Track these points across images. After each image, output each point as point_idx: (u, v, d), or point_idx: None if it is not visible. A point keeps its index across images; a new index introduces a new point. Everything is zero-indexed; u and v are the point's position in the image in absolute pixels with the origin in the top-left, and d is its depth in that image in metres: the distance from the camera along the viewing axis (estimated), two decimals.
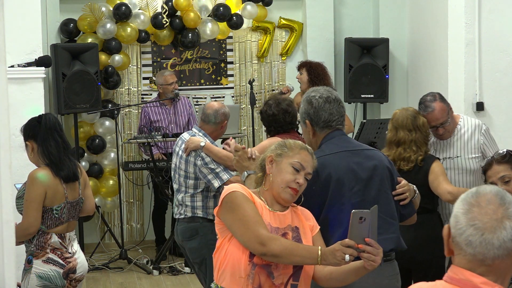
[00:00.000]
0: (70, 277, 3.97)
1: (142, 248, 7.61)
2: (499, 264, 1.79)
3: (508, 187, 3.30)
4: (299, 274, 2.85)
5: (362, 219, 2.60)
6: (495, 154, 3.47)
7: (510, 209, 1.80)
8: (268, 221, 2.86)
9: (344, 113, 3.38)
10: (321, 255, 2.68)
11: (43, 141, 3.92)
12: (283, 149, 2.96)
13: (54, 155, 3.91)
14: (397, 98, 7.77)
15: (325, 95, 3.34)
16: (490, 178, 3.35)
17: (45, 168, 3.91)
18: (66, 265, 3.93)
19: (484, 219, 1.78)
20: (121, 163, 7.34)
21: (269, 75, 8.13)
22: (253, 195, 2.90)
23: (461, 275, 1.81)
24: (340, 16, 8.04)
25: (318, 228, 2.99)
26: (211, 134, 4.93)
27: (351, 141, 3.42)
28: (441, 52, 6.57)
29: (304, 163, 2.92)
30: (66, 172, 3.94)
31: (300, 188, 2.92)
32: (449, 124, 4.34)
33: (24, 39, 5.40)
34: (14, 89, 5.21)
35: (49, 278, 3.87)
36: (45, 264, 3.87)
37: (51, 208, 3.89)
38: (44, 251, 3.89)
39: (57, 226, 3.95)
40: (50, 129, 3.95)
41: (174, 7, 7.54)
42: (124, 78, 7.80)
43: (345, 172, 3.21)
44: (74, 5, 7.45)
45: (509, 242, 1.77)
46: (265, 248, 2.74)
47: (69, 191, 3.98)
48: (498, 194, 1.82)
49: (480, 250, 1.78)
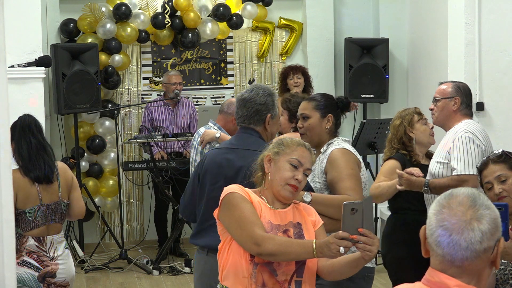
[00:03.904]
0: (47, 281, 3.93)
1: (142, 248, 7.61)
2: (468, 265, 1.78)
3: (504, 186, 3.29)
4: (303, 270, 2.86)
5: (354, 210, 2.62)
6: (491, 154, 3.46)
7: (480, 211, 1.79)
8: (268, 219, 2.86)
9: (254, 110, 3.52)
10: (316, 248, 2.69)
11: (17, 142, 3.92)
12: (280, 147, 2.96)
13: (23, 156, 3.90)
14: (397, 98, 7.77)
15: (239, 96, 3.65)
16: (486, 178, 3.35)
17: (15, 170, 3.85)
18: (42, 268, 3.90)
19: (452, 220, 1.79)
20: (121, 163, 7.34)
21: (269, 75, 8.13)
22: (251, 195, 2.90)
23: (436, 278, 1.81)
24: (340, 16, 8.04)
25: (321, 222, 3.00)
26: (224, 126, 5.18)
27: (244, 139, 3.55)
28: (441, 52, 6.57)
29: (302, 159, 2.92)
30: (36, 173, 3.90)
31: (300, 185, 2.92)
32: (439, 103, 4.25)
33: (24, 39, 5.40)
34: (14, 89, 5.21)
35: (23, 281, 3.85)
36: (19, 267, 3.84)
37: (24, 211, 3.86)
38: (19, 254, 3.86)
39: (33, 229, 3.91)
40: (24, 130, 3.94)
41: (174, 7, 7.54)
42: (124, 78, 7.80)
43: (213, 166, 3.48)
44: (74, 5, 7.45)
45: (477, 244, 1.77)
46: (260, 248, 2.75)
47: (45, 194, 3.94)
48: (471, 196, 1.83)
49: (448, 251, 1.79)
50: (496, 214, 1.82)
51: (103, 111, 7.39)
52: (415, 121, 4.47)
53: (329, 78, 7.91)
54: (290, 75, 6.98)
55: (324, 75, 7.89)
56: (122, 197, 7.53)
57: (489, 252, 1.79)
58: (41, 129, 4.07)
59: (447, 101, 4.25)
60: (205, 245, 3.52)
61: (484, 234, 1.77)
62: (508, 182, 3.31)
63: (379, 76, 7.59)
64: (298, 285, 2.85)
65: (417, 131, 4.44)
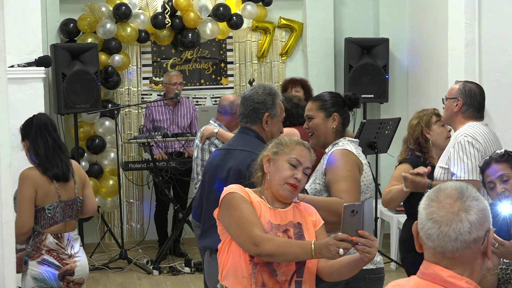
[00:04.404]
0: (67, 279, 3.94)
1: (142, 248, 7.61)
2: (460, 256, 1.82)
3: (506, 185, 3.29)
4: (303, 270, 2.86)
5: (354, 212, 2.62)
6: (494, 153, 3.45)
7: (467, 202, 1.83)
8: (268, 219, 2.86)
9: (251, 108, 3.58)
10: (314, 249, 2.69)
11: (33, 140, 3.94)
12: (279, 146, 2.95)
13: (40, 154, 3.93)
14: (397, 98, 7.77)
15: (241, 94, 3.72)
16: (488, 177, 3.34)
17: (33, 168, 3.91)
18: (62, 266, 3.91)
19: (440, 213, 1.83)
20: (121, 163, 7.34)
21: (269, 75, 8.13)
22: (251, 195, 2.90)
23: (430, 270, 1.85)
24: (340, 16, 8.05)
25: (322, 222, 2.99)
26: (227, 125, 5.32)
27: (240, 139, 3.61)
28: (441, 52, 6.57)
29: (301, 158, 2.92)
30: (55, 171, 3.93)
31: (300, 184, 2.91)
32: (446, 102, 4.18)
33: (24, 39, 5.40)
34: (14, 89, 5.21)
35: (44, 280, 3.86)
36: (39, 266, 3.86)
37: (43, 208, 3.89)
38: (39, 252, 3.88)
39: (52, 226, 3.94)
40: (40, 129, 3.97)
41: (174, 7, 7.54)
42: (124, 78, 7.80)
43: (211, 167, 3.59)
44: (74, 5, 7.45)
45: (466, 234, 1.80)
46: (259, 249, 2.75)
47: (62, 191, 3.98)
48: (458, 188, 1.86)
49: (438, 243, 1.82)
50: (484, 205, 1.85)
51: (103, 111, 7.39)
52: (432, 122, 4.40)
53: (329, 78, 7.91)
54: (289, 88, 6.97)
55: (324, 75, 7.89)
56: (122, 197, 7.53)
57: (479, 242, 1.82)
58: (56, 128, 4.13)
59: (451, 101, 4.17)
60: (206, 247, 3.53)
61: (473, 224, 1.81)
62: (510, 181, 3.30)
63: (379, 76, 7.59)
64: (298, 285, 2.85)
65: (434, 132, 4.37)
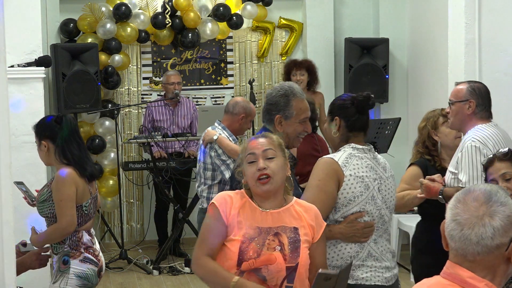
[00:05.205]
0: (100, 275, 4.00)
1: (142, 248, 7.60)
2: (481, 260, 1.80)
3: (509, 184, 3.27)
4: (293, 277, 2.83)
5: (328, 279, 2.65)
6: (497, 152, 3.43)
7: (493, 207, 1.81)
8: (255, 225, 2.85)
9: (265, 109, 3.52)
10: (232, 287, 2.77)
11: (66, 142, 3.91)
12: (240, 156, 3.02)
13: (77, 156, 3.93)
14: (397, 98, 7.77)
15: None
16: (491, 175, 3.32)
17: (69, 167, 3.90)
18: (98, 263, 3.96)
19: (465, 215, 1.83)
20: (121, 163, 7.34)
21: (269, 75, 8.13)
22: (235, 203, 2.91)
23: (452, 269, 1.85)
24: (340, 16, 8.04)
25: (322, 228, 2.94)
26: (229, 127, 5.26)
27: None
28: (441, 52, 6.57)
29: (254, 149, 2.91)
30: (89, 171, 3.98)
31: (268, 170, 2.86)
32: (454, 106, 3.98)
33: (24, 39, 5.41)
34: (14, 89, 5.22)
35: (87, 277, 3.89)
36: (82, 264, 3.88)
37: (81, 205, 3.92)
38: (79, 251, 3.90)
39: (87, 222, 3.99)
40: (72, 131, 3.96)
41: (174, 7, 7.55)
42: (124, 78, 7.80)
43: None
44: (74, 5, 7.46)
45: (488, 239, 1.79)
46: (193, 267, 2.93)
47: (90, 187, 4.03)
48: (487, 192, 1.85)
49: (460, 245, 1.82)
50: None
51: (103, 111, 7.39)
52: (439, 123, 4.23)
53: (329, 78, 7.91)
54: (293, 71, 6.98)
55: (324, 75, 7.88)
56: (122, 197, 7.53)
57: (503, 248, 1.80)
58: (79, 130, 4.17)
59: (461, 104, 3.96)
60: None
61: (496, 230, 1.79)
62: None
63: (379, 76, 7.59)
64: None
65: (442, 134, 4.21)
